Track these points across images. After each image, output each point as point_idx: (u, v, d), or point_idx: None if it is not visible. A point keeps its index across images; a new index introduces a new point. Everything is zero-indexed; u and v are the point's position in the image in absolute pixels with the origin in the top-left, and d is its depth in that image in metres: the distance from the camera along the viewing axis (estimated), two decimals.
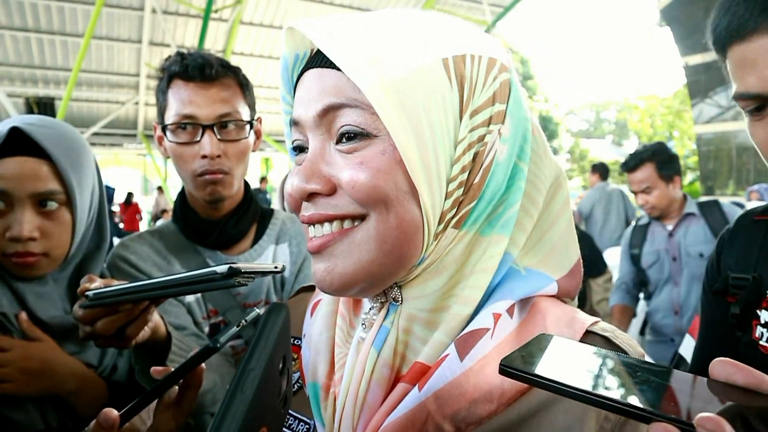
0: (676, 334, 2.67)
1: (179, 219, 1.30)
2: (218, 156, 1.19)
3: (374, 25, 0.55)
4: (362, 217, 0.54)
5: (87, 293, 0.81)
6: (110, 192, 7.98)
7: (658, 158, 2.66)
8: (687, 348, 1.16)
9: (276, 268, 0.75)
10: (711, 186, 13.93)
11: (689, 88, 13.35)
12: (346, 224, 0.55)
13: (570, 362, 0.39)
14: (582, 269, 0.65)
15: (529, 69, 29.02)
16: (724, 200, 2.93)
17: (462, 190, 0.55)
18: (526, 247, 0.60)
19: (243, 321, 0.66)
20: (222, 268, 0.69)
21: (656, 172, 2.64)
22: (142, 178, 24.04)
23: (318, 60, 0.56)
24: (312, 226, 0.57)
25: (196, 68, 1.18)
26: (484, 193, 0.56)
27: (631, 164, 2.73)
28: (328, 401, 0.59)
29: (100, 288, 0.81)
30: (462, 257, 0.57)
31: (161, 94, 1.24)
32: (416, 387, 0.52)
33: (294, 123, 0.59)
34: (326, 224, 0.55)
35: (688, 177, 18.59)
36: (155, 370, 0.69)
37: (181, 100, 1.19)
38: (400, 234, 0.53)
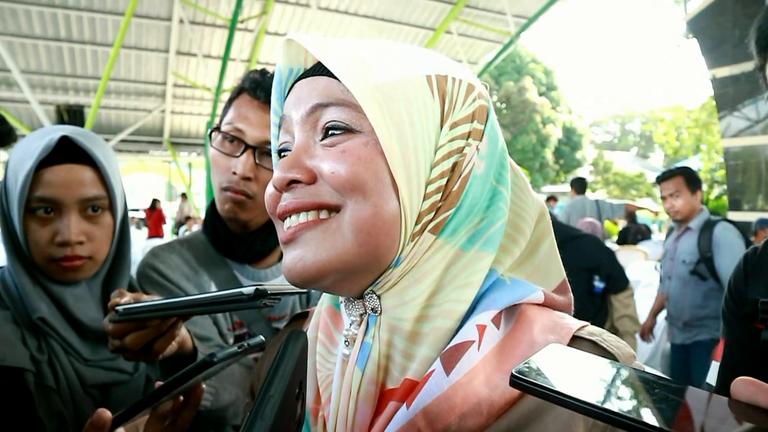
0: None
1: (209, 231, 1.31)
2: (247, 178, 1.18)
3: (366, 43, 0.60)
4: (339, 209, 0.55)
5: (117, 308, 0.82)
6: None
7: (688, 173, 3.41)
8: (714, 376, 1.13)
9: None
10: (739, 200, 13.59)
11: (717, 101, 13.07)
12: (323, 215, 0.55)
13: (582, 375, 0.38)
14: (569, 289, 0.68)
15: (553, 80, 28.80)
16: (753, 216, 3.17)
17: (440, 195, 0.57)
18: (510, 267, 0.62)
19: (246, 344, 0.68)
20: (249, 290, 0.70)
21: (684, 182, 3.37)
22: (167, 184, 24.43)
23: (310, 72, 0.60)
24: (288, 218, 0.57)
25: (264, 90, 1.19)
26: (463, 202, 0.57)
27: (666, 175, 3.47)
28: (317, 425, 0.59)
29: (130, 303, 0.82)
30: (441, 267, 0.56)
31: (229, 101, 1.25)
32: (405, 404, 0.52)
33: (282, 124, 0.62)
34: (302, 214, 0.56)
35: (715, 191, 18.19)
36: (159, 384, 0.69)
37: (239, 114, 1.20)
38: (377, 222, 0.53)
